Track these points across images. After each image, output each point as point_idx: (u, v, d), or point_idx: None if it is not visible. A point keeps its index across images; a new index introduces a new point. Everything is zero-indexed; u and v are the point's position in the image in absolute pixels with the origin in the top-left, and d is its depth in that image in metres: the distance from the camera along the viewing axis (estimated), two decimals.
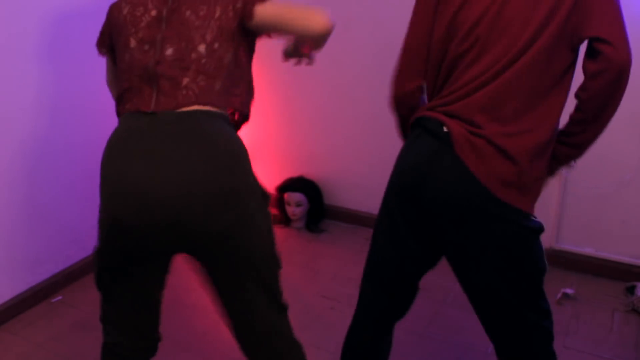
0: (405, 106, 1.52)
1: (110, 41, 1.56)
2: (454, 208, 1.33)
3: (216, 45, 1.42)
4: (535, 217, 1.35)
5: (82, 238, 2.68)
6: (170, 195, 1.30)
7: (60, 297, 2.56)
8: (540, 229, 1.35)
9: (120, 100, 1.50)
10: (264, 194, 1.46)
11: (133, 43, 1.45)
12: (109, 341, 1.55)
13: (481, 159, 1.29)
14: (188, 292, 2.51)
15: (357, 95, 3.00)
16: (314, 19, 1.38)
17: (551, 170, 1.45)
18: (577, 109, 1.35)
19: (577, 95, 1.33)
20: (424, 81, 1.48)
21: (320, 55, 3.00)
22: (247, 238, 1.40)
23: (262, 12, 1.43)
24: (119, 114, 1.51)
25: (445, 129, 1.34)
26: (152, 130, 1.36)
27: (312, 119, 3.13)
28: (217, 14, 1.43)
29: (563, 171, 2.55)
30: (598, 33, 1.24)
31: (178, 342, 2.22)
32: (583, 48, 1.34)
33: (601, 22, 1.25)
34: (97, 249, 1.46)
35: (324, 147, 3.19)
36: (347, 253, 2.92)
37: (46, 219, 2.51)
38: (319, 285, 2.64)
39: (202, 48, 1.41)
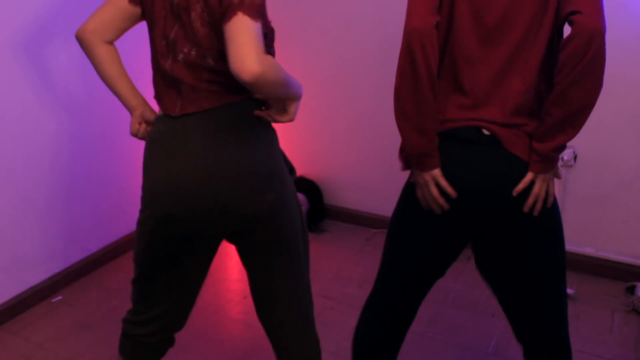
0: (425, 52, 1.30)
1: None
2: (516, 202, 1.39)
3: (225, 50, 1.36)
4: None
5: (82, 238, 2.68)
6: (220, 185, 1.38)
7: (60, 297, 2.55)
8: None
9: (155, 88, 1.49)
10: (291, 170, 1.55)
11: (156, 33, 1.42)
12: (131, 333, 1.60)
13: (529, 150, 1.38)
14: None
15: (358, 95, 2.99)
16: (241, 61, 1.21)
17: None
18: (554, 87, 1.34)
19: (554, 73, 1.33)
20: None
21: (320, 55, 3.02)
22: (287, 217, 1.48)
23: (224, 30, 1.27)
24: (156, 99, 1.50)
25: (486, 132, 1.38)
26: (184, 129, 1.42)
27: (312, 118, 3.13)
28: (219, 20, 1.35)
29: (563, 171, 2.56)
30: (572, 7, 1.26)
31: (178, 342, 2.22)
32: None
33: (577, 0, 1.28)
34: (142, 247, 1.50)
35: (323, 147, 3.19)
36: (347, 253, 2.92)
37: (46, 219, 2.51)
38: (319, 285, 2.63)
39: (210, 58, 1.37)
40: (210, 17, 1.33)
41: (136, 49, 1.56)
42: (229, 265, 2.78)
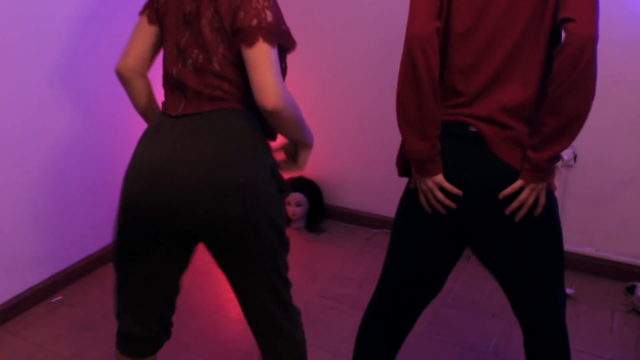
0: (426, 58, 1.32)
1: (157, 15, 1.53)
2: (500, 202, 1.39)
3: (230, 59, 1.43)
4: None
5: (82, 238, 2.69)
6: (181, 181, 1.39)
7: (60, 297, 2.56)
8: (556, 200, 1.49)
9: (163, 86, 1.56)
10: (281, 188, 1.52)
11: (168, 42, 1.49)
12: (124, 330, 1.61)
13: (514, 152, 1.37)
14: (188, 292, 2.50)
15: (357, 95, 3.00)
16: (264, 93, 1.35)
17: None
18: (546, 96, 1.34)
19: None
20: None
21: (321, 55, 3.03)
22: (255, 232, 1.45)
23: (245, 53, 1.39)
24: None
25: (472, 129, 1.38)
26: (175, 126, 1.45)
27: (312, 118, 3.10)
28: (228, 28, 1.42)
29: (563, 171, 2.56)
30: (566, 14, 1.26)
31: (178, 342, 2.22)
32: None
33: (571, 4, 1.27)
34: (114, 230, 1.54)
35: (324, 147, 3.18)
36: (347, 253, 2.92)
37: (46, 219, 2.51)
38: (319, 285, 2.64)
39: (215, 62, 1.43)
40: (219, 24, 1.40)
41: None
42: None
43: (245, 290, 1.56)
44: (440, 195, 1.41)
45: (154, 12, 1.53)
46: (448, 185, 1.40)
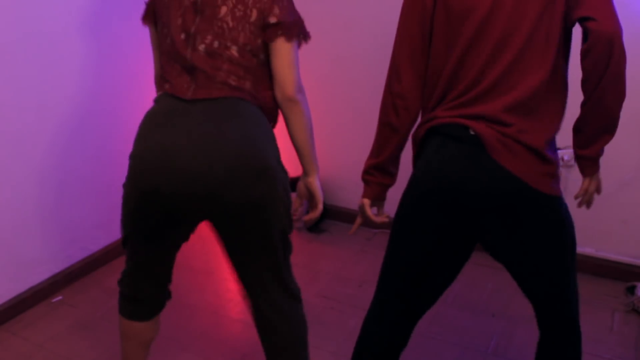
0: (407, 110, 1.51)
1: (154, 16, 1.61)
2: (499, 207, 1.38)
3: (248, 47, 1.49)
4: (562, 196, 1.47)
5: (82, 238, 2.69)
6: (205, 168, 1.42)
7: (60, 297, 2.56)
8: (566, 205, 1.48)
9: (160, 76, 1.61)
10: (284, 171, 1.59)
11: (174, 29, 1.52)
12: (127, 294, 1.67)
13: (515, 157, 1.35)
14: (188, 292, 2.51)
15: (357, 95, 3.00)
16: (285, 84, 1.53)
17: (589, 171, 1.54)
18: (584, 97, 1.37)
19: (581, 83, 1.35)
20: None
21: (320, 55, 3.03)
22: (271, 212, 1.51)
23: (273, 47, 1.51)
24: (158, 88, 1.64)
25: (472, 132, 1.37)
26: (190, 111, 1.48)
27: (312, 118, 3.13)
28: (253, 18, 1.48)
29: (563, 171, 2.56)
30: (584, 13, 1.27)
31: (178, 342, 2.22)
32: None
33: (588, 2, 1.28)
34: (126, 214, 1.56)
35: (323, 147, 3.18)
36: (347, 253, 2.92)
37: (47, 219, 2.51)
38: (319, 285, 2.64)
39: (234, 49, 1.49)
40: (243, 14, 1.47)
41: (135, 52, 1.60)
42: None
43: (248, 271, 1.60)
44: (368, 212, 1.68)
45: (150, 13, 1.60)
46: (369, 213, 1.67)
